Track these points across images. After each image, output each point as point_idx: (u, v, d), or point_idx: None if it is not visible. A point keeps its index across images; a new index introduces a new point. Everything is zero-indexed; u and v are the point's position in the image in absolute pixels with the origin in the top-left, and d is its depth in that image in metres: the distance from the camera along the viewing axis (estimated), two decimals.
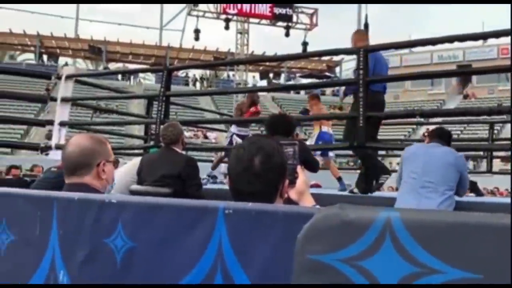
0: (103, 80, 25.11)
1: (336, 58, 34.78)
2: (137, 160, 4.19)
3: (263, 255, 1.12)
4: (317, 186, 7.40)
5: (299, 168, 1.76)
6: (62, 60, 35.86)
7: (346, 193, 5.30)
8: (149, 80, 35.60)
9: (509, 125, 24.59)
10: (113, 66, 37.32)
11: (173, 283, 1.21)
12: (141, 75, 35.28)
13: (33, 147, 6.89)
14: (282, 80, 37.18)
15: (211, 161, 9.22)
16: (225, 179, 7.38)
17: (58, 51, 36.42)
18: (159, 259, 1.26)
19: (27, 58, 36.93)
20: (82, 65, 38.05)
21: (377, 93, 4.68)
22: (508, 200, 4.96)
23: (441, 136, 3.93)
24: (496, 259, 0.79)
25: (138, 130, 14.15)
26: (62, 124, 6.04)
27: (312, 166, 3.99)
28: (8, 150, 19.39)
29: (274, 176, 1.52)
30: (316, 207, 1.54)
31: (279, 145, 1.60)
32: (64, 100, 6.09)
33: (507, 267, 0.78)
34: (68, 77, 6.15)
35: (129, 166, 4.26)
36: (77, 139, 2.01)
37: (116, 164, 2.18)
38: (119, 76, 33.20)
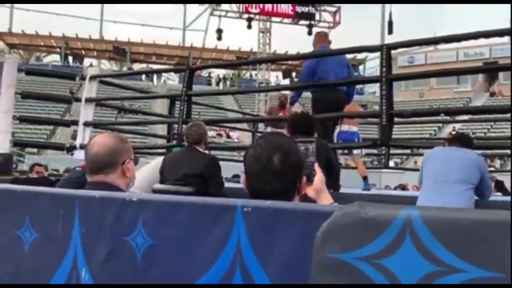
0: (127, 80, 25.44)
1: (359, 56, 34.56)
2: (160, 159, 4.22)
3: (282, 253, 1.11)
4: None
5: (316, 166, 1.74)
6: (87, 61, 36.39)
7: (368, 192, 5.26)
8: (173, 81, 35.91)
9: None
10: (137, 66, 37.71)
11: (193, 281, 1.21)
12: (164, 75, 35.62)
13: (59, 147, 7.00)
14: None
15: (234, 160, 9.25)
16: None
17: (83, 52, 36.98)
18: (179, 257, 1.26)
19: (53, 59, 37.60)
20: (107, 66, 38.56)
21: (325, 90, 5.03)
22: None
23: (461, 141, 3.93)
24: None
25: (162, 129, 14.26)
26: (86, 124, 6.12)
27: (333, 167, 3.96)
28: (35, 150, 19.76)
29: (292, 174, 1.51)
30: (335, 205, 1.53)
31: (295, 143, 1.59)
32: (89, 100, 6.16)
33: None
34: (92, 77, 6.22)
35: (153, 165, 4.30)
36: (101, 139, 2.04)
37: (135, 162, 2.20)
38: (143, 77, 33.54)
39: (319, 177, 1.74)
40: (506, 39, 30.38)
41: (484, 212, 0.87)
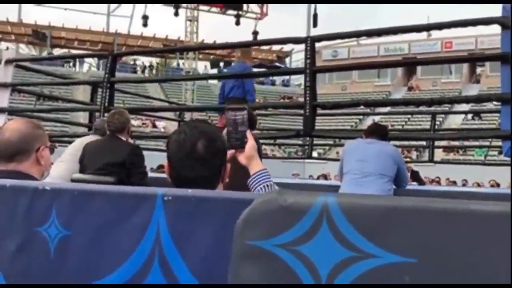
0: (47, 66, 24.32)
1: (286, 48, 35.04)
2: (78, 144, 4.07)
3: (203, 242, 1.10)
4: None
5: (248, 133, 1.77)
6: (3, 45, 34.41)
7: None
8: (96, 67, 34.70)
9: (450, 116, 25.54)
10: (58, 52, 36.11)
11: (109, 272, 1.17)
12: (87, 62, 34.38)
13: None
14: None
15: (160, 150, 9.10)
16: None
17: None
18: (95, 248, 1.22)
19: None
20: (25, 50, 36.66)
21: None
22: (448, 188, 5.16)
23: (376, 132, 4.08)
24: (431, 243, 0.80)
25: (84, 117, 13.78)
26: (0, 110, 5.79)
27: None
28: None
29: (217, 160, 1.49)
30: (255, 193, 1.54)
31: (220, 130, 1.58)
32: (3, 85, 5.82)
33: (441, 251, 0.79)
34: (8, 61, 5.88)
35: (72, 152, 4.14)
36: (14, 124, 1.93)
37: (51, 151, 2.10)
38: (65, 63, 32.22)
39: (250, 144, 1.77)
40: (424, 36, 31.77)
41: (398, 198, 0.90)
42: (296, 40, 4.78)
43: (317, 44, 4.48)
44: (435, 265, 0.79)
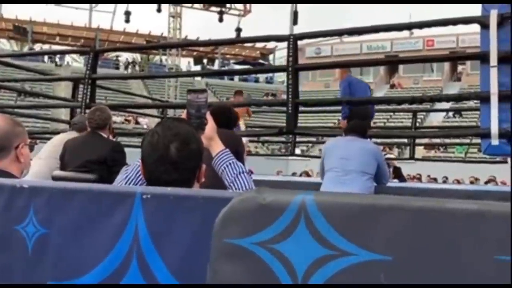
0: (28, 62, 23.97)
1: (269, 45, 34.99)
2: (57, 140, 4.03)
3: (182, 241, 1.10)
4: (249, 172, 7.47)
5: (208, 115, 1.80)
6: None
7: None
8: (79, 63, 34.32)
9: (431, 114, 25.80)
10: (39, 47, 35.64)
11: (87, 271, 1.16)
12: (69, 57, 33.99)
13: None
14: (216, 66, 36.95)
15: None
16: None
17: None
18: (73, 246, 1.21)
19: None
20: (6, 46, 36.12)
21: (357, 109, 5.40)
22: (428, 185, 5.21)
23: (357, 130, 4.10)
24: (406, 241, 0.81)
25: (65, 114, 13.63)
26: None
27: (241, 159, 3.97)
28: None
29: (191, 163, 1.46)
30: (235, 192, 1.53)
31: (196, 131, 1.56)
32: None
33: (416, 249, 0.80)
34: None
35: (52, 149, 4.09)
36: None
37: (31, 149, 2.08)
38: (46, 58, 31.78)
39: (210, 125, 1.80)
40: (407, 34, 31.98)
41: (374, 197, 0.91)
42: (278, 38, 4.79)
43: (301, 42, 4.49)
44: (410, 263, 0.80)
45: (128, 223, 1.13)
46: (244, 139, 5.63)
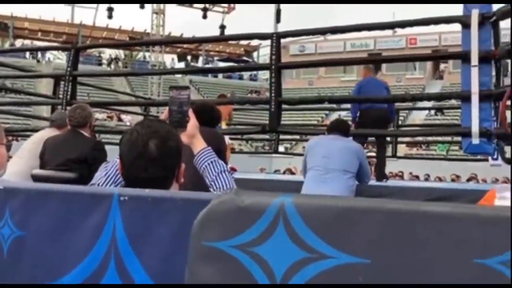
0: (9, 58, 23.64)
1: (254, 43, 35.00)
2: (36, 138, 3.98)
3: (160, 243, 1.09)
4: (233, 170, 7.45)
5: (190, 112, 1.80)
6: None
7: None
8: (61, 59, 33.92)
9: (414, 111, 26.01)
10: (21, 43, 35.14)
11: (64, 273, 1.14)
12: (51, 54, 33.56)
13: None
14: (200, 63, 36.83)
15: None
16: None
17: None
18: (50, 248, 1.19)
19: None
20: None
21: (366, 110, 5.33)
22: (409, 183, 5.26)
23: (339, 128, 4.12)
24: (384, 243, 0.81)
25: (46, 111, 13.48)
26: None
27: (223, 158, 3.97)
28: None
29: (170, 160, 1.47)
30: (213, 193, 1.53)
31: (175, 129, 1.57)
32: None
33: (393, 251, 0.80)
34: None
35: (32, 147, 4.04)
36: None
37: (8, 148, 2.04)
38: (28, 54, 31.38)
39: (192, 123, 1.80)
40: (390, 33, 32.18)
41: (353, 199, 0.91)
42: (261, 36, 4.79)
43: (285, 40, 4.50)
44: (388, 266, 0.80)
45: (105, 225, 1.12)
46: (226, 138, 5.61)
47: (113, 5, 26.40)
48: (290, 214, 0.87)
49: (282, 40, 4.49)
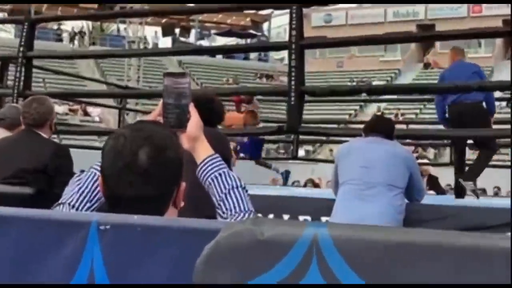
0: None
1: (263, 11, 34.97)
2: None
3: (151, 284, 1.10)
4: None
5: (191, 107, 1.76)
6: None
7: None
8: (7, 32, 34.15)
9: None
10: None
11: None
12: None
13: None
14: (192, 38, 36.91)
15: (94, 148, 9.01)
16: None
17: None
18: None
19: None
20: None
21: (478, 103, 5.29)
22: (475, 201, 5.23)
23: (379, 127, 4.09)
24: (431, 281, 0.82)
25: None
26: None
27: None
28: None
29: (166, 176, 1.46)
30: (223, 221, 1.53)
31: (175, 135, 1.56)
32: None
33: None
34: None
35: None
36: None
37: None
38: None
39: (194, 121, 1.76)
40: None
41: (411, 231, 0.91)
42: (277, 6, 4.79)
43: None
44: None
45: (79, 263, 1.13)
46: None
47: None
48: (326, 251, 0.88)
49: (304, 8, 4.50)
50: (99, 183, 1.52)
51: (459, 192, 5.45)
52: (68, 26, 35.60)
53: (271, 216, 4.18)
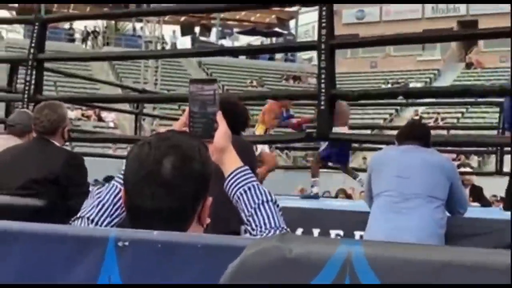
0: None
1: (290, 7, 34.95)
2: None
3: None
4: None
5: (219, 116, 1.76)
6: None
7: None
8: (17, 33, 34.57)
9: None
10: None
11: None
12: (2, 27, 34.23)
13: None
14: (213, 37, 37.01)
15: (108, 156, 9.06)
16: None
17: None
18: None
19: None
20: None
21: None
22: None
23: (415, 136, 4.05)
24: None
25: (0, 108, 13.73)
26: None
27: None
28: None
29: (191, 188, 1.46)
30: (248, 237, 1.54)
31: (204, 147, 1.56)
32: None
33: None
34: None
35: None
36: None
37: None
38: None
39: (222, 131, 1.76)
40: None
41: (455, 250, 0.91)
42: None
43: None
44: None
45: (97, 280, 1.14)
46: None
47: None
48: (360, 272, 0.88)
49: (335, 5, 4.51)
50: (122, 194, 1.54)
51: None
52: (81, 25, 35.92)
53: (299, 230, 4.17)
